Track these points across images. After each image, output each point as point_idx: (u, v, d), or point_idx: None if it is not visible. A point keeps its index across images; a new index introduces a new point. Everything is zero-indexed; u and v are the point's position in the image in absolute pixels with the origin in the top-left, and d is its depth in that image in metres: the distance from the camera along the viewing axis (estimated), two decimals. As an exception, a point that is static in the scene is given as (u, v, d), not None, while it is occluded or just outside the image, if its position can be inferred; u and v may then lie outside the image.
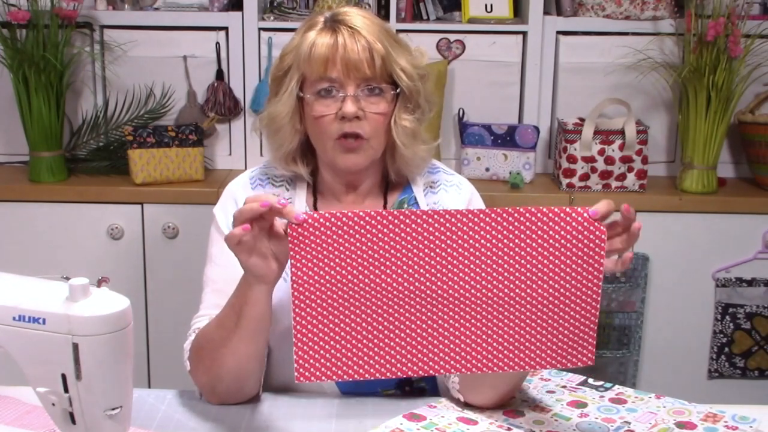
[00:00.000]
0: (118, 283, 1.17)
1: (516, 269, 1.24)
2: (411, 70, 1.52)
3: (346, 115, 1.47)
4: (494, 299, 1.25)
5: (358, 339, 1.25)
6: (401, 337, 1.26)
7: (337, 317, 1.25)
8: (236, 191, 1.60)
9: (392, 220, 1.23)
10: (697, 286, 2.65)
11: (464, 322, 1.26)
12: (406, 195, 1.62)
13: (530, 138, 2.69)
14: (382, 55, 1.48)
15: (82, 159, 2.74)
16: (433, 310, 1.26)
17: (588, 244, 1.24)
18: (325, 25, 1.50)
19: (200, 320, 1.50)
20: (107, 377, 1.12)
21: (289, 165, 1.58)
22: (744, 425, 1.39)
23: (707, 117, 2.61)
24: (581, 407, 1.45)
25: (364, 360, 1.26)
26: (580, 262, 1.24)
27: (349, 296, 1.24)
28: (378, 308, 1.25)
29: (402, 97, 1.53)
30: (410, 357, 1.26)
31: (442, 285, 1.25)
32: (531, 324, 1.26)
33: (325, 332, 1.25)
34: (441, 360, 1.27)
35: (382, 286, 1.24)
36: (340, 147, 1.50)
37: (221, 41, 2.71)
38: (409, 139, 1.54)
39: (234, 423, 1.41)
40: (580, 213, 1.24)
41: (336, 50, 1.47)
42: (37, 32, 2.52)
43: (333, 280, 1.24)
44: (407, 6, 2.77)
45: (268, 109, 1.56)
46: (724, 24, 2.52)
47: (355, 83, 1.47)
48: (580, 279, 1.25)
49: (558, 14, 2.76)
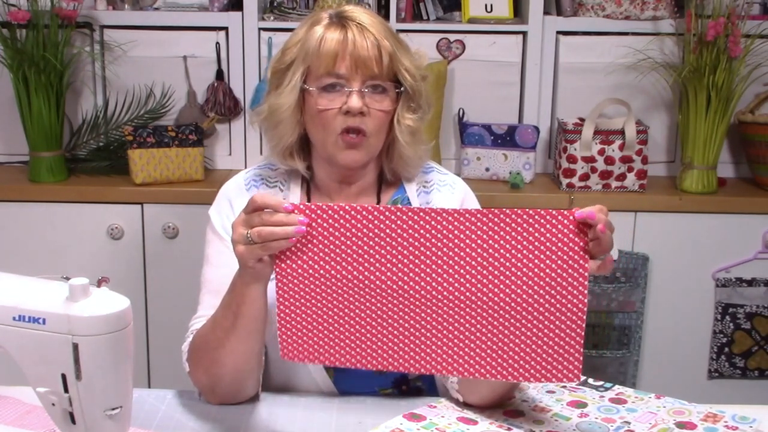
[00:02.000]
0: (118, 283, 1.17)
1: (501, 271, 1.24)
2: (414, 71, 1.53)
3: (351, 109, 1.47)
4: (479, 301, 1.25)
5: (340, 330, 1.28)
6: (384, 333, 1.28)
7: (320, 308, 1.27)
8: (231, 193, 1.60)
9: (379, 216, 1.24)
10: (697, 286, 2.65)
11: (447, 324, 1.26)
12: (400, 195, 1.62)
13: (530, 138, 2.69)
14: (390, 53, 1.49)
15: (82, 159, 2.74)
16: (417, 307, 1.26)
17: (573, 248, 1.22)
18: (332, 20, 1.50)
19: (198, 321, 1.50)
20: (107, 377, 1.12)
21: (287, 160, 1.58)
22: (744, 425, 1.39)
23: (707, 117, 2.61)
24: (581, 407, 1.45)
25: (345, 350, 1.28)
26: (565, 267, 1.23)
27: (332, 283, 1.26)
28: (361, 299, 1.27)
29: (405, 97, 1.53)
30: (392, 352, 1.28)
31: (426, 283, 1.25)
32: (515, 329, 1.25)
33: (309, 318, 1.28)
34: (422, 359, 1.28)
35: (368, 278, 1.26)
36: (341, 142, 1.50)
37: (221, 41, 2.71)
38: (411, 138, 1.55)
39: (234, 423, 1.41)
40: (566, 216, 1.22)
41: (345, 46, 1.47)
42: (37, 32, 2.51)
43: (317, 274, 1.26)
44: (407, 6, 2.77)
45: (269, 102, 1.56)
46: (724, 24, 2.52)
47: (362, 80, 1.48)
48: (565, 284, 1.23)
49: (558, 14, 2.76)
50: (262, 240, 1.24)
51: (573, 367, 1.25)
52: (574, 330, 1.24)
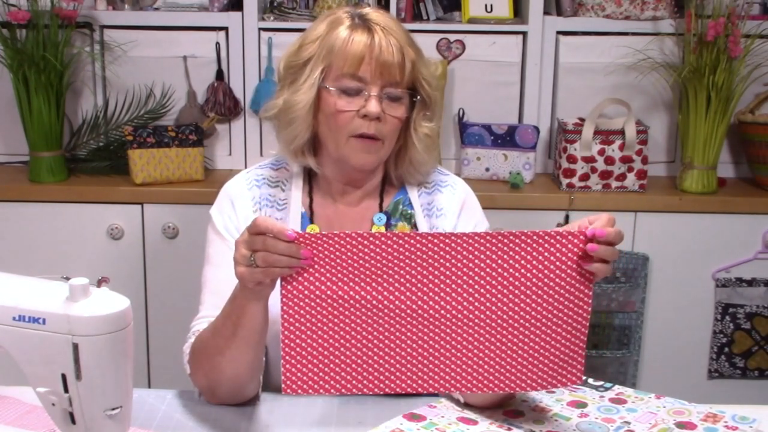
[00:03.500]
0: (118, 283, 1.17)
1: (508, 290, 1.24)
2: (431, 79, 1.54)
3: (370, 114, 1.47)
4: (487, 319, 1.25)
5: (346, 355, 1.27)
6: (390, 355, 1.27)
7: (326, 332, 1.26)
8: (232, 192, 1.60)
9: (386, 241, 1.23)
10: (697, 286, 2.65)
11: (455, 343, 1.27)
12: (401, 196, 1.62)
13: (530, 138, 2.69)
14: (413, 60, 1.50)
15: (82, 159, 2.74)
16: (425, 327, 1.26)
17: (580, 263, 1.23)
18: (355, 22, 1.49)
19: (200, 322, 1.50)
20: (107, 377, 1.12)
21: (298, 157, 1.57)
22: (744, 425, 1.39)
23: (707, 117, 2.61)
24: (581, 407, 1.45)
25: (351, 375, 1.27)
26: (570, 280, 1.23)
27: (339, 312, 1.25)
28: (367, 325, 1.26)
29: (421, 105, 1.54)
30: (398, 374, 1.28)
31: (432, 305, 1.25)
32: (522, 342, 1.26)
33: (313, 347, 1.26)
34: (430, 379, 1.28)
35: (372, 303, 1.25)
36: (357, 144, 1.49)
37: (221, 41, 2.71)
38: (427, 146, 1.56)
39: (234, 423, 1.41)
40: (576, 236, 1.22)
41: (372, 50, 1.46)
42: (37, 32, 2.51)
43: (323, 296, 1.25)
44: (407, 6, 2.77)
45: (284, 98, 1.54)
46: (724, 24, 2.52)
47: (382, 85, 1.48)
48: (571, 297, 1.24)
49: (558, 14, 2.76)
50: (266, 266, 1.23)
51: (576, 371, 1.27)
52: (578, 337, 1.26)
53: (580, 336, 1.26)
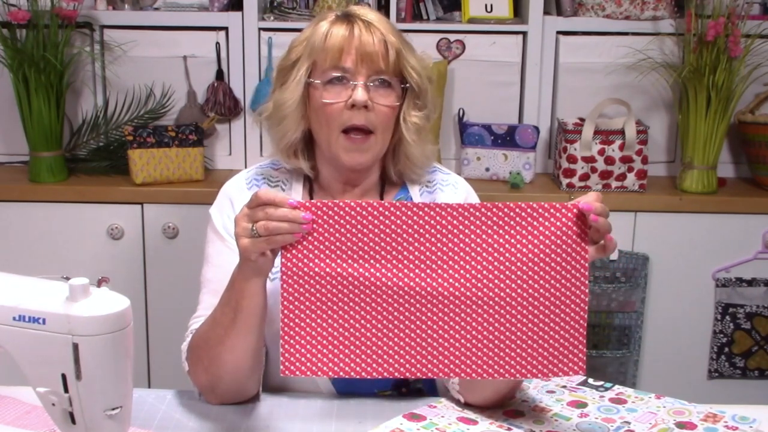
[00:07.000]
0: (118, 283, 1.17)
1: (506, 266, 1.25)
2: (420, 69, 1.54)
3: (356, 102, 1.47)
4: (485, 297, 1.25)
5: (345, 336, 1.27)
6: (389, 337, 1.27)
7: (325, 312, 1.26)
8: (232, 192, 1.60)
9: (383, 211, 1.24)
10: (697, 286, 2.65)
11: (454, 324, 1.26)
12: (403, 195, 1.62)
13: (530, 138, 2.69)
14: (396, 49, 1.50)
15: (82, 159, 2.74)
16: (423, 306, 1.26)
17: (572, 237, 1.24)
18: (338, 17, 1.51)
19: (197, 321, 1.50)
20: (107, 377, 1.12)
21: (291, 159, 1.57)
22: (744, 425, 1.39)
23: (707, 117, 2.61)
24: (581, 407, 1.45)
25: (350, 358, 1.27)
26: (565, 256, 1.24)
27: (338, 291, 1.26)
28: (366, 305, 1.26)
29: (411, 94, 1.54)
30: (397, 358, 1.27)
31: (431, 282, 1.25)
32: (520, 324, 1.25)
33: (313, 327, 1.26)
34: (429, 363, 1.27)
35: (371, 281, 1.25)
36: (346, 142, 1.50)
37: (221, 41, 2.71)
38: (418, 137, 1.56)
39: (234, 423, 1.41)
40: (569, 208, 1.24)
41: (351, 40, 1.48)
42: (37, 32, 2.52)
43: (323, 273, 1.25)
44: (407, 6, 2.77)
45: (273, 98, 1.56)
46: (724, 24, 2.52)
47: (367, 74, 1.48)
48: (567, 275, 1.24)
49: (558, 14, 2.76)
50: (268, 234, 1.23)
51: (578, 359, 1.26)
52: (577, 321, 1.25)
53: (579, 320, 1.25)
